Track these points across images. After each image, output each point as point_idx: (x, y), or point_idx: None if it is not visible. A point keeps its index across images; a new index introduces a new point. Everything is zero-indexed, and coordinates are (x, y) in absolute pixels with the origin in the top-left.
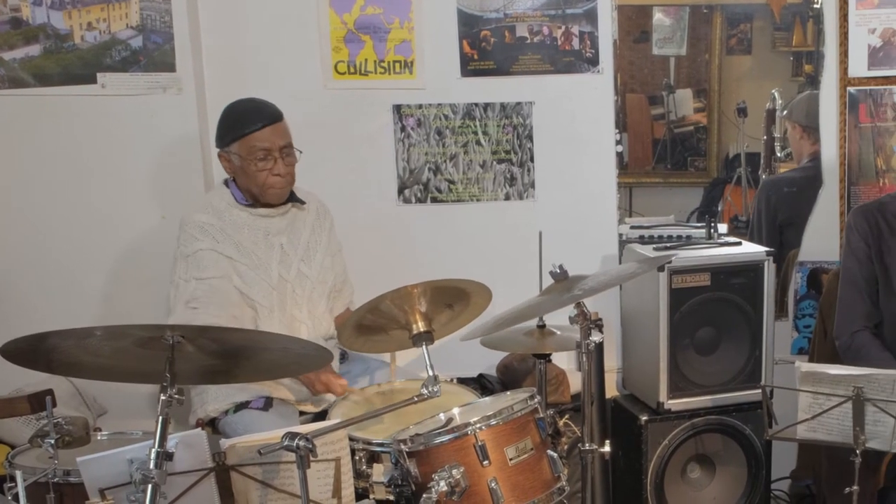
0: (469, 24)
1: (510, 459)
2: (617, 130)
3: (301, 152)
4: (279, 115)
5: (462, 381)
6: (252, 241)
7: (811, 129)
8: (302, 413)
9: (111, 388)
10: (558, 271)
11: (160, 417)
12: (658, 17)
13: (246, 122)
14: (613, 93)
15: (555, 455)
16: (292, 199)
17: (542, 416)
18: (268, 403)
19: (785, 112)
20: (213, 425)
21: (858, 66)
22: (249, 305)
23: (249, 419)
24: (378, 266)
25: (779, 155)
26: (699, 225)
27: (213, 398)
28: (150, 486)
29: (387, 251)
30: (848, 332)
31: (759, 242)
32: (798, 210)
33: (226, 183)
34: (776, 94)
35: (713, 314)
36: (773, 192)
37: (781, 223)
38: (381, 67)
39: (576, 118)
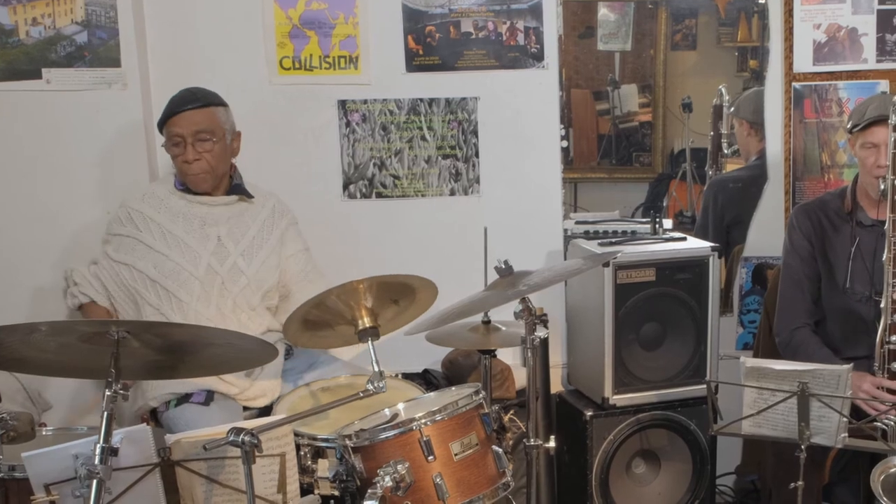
0: (414, 20)
1: (455, 455)
2: (562, 126)
3: (213, 140)
4: (209, 101)
5: (407, 377)
6: (185, 230)
7: (759, 126)
8: (246, 408)
9: (56, 383)
10: (503, 267)
11: (105, 413)
12: (603, 12)
13: (169, 108)
14: (558, 88)
15: (500, 450)
16: (239, 191)
17: (487, 411)
18: (209, 397)
19: (732, 109)
20: (154, 418)
21: (803, 62)
22: (161, 296)
23: (191, 414)
24: (323, 261)
25: (726, 151)
26: (644, 220)
27: (153, 388)
28: (95, 482)
29: (332, 246)
30: (788, 329)
31: (706, 241)
32: (745, 207)
33: (174, 171)
34: (723, 90)
35: (658, 310)
36: (721, 191)
37: (729, 222)
38: (325, 63)
39: (521, 113)
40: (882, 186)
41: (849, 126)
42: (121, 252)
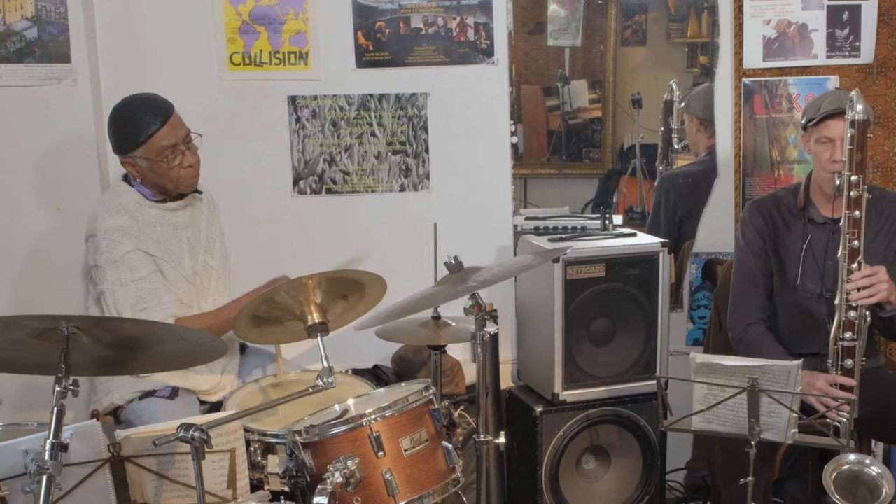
0: (364, 16)
1: (405, 450)
2: (512, 121)
3: (200, 135)
4: (170, 107)
5: (357, 372)
6: (166, 238)
7: (709, 122)
8: (202, 403)
9: (6, 379)
10: (453, 263)
11: (55, 408)
12: (553, 8)
13: (143, 125)
14: (508, 84)
15: (450, 446)
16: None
17: (436, 407)
18: (174, 393)
19: (683, 104)
20: (115, 414)
21: (753, 58)
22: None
23: (155, 407)
24: (273, 257)
25: (676, 147)
26: (594, 216)
27: (120, 387)
28: (45, 478)
29: (282, 242)
30: (741, 324)
31: (659, 237)
32: (695, 203)
33: (126, 180)
34: (674, 86)
35: (608, 305)
36: (672, 187)
37: (681, 217)
38: (276, 59)
39: (471, 109)
40: (837, 182)
41: (803, 121)
42: (140, 269)
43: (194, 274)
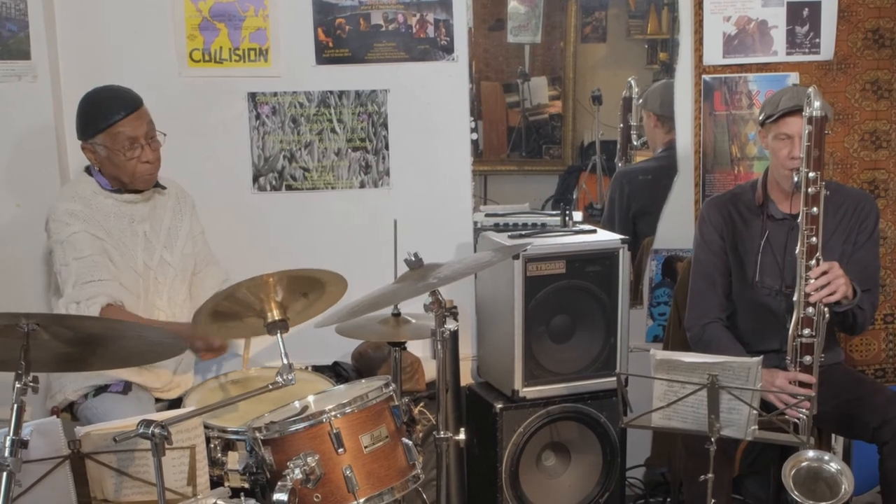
0: (324, 12)
1: (365, 447)
2: (472, 118)
3: (165, 135)
4: (139, 101)
5: (317, 369)
6: (119, 229)
7: (666, 118)
8: (158, 400)
9: None
10: (413, 259)
11: (15, 405)
12: (513, 4)
13: (108, 112)
14: (468, 80)
15: (410, 443)
16: (156, 184)
17: (397, 403)
18: (127, 388)
19: (640, 101)
20: (71, 411)
21: (713, 54)
22: (122, 293)
23: (109, 403)
24: (233, 254)
25: (635, 143)
26: (554, 213)
27: (73, 381)
28: (4, 474)
29: (242, 239)
30: (699, 323)
31: (612, 232)
32: (652, 199)
33: (87, 171)
34: (632, 82)
35: (568, 302)
36: (627, 182)
37: (635, 213)
38: (236, 55)
39: (431, 106)
40: (796, 179)
41: (761, 118)
42: (85, 249)
43: (147, 268)
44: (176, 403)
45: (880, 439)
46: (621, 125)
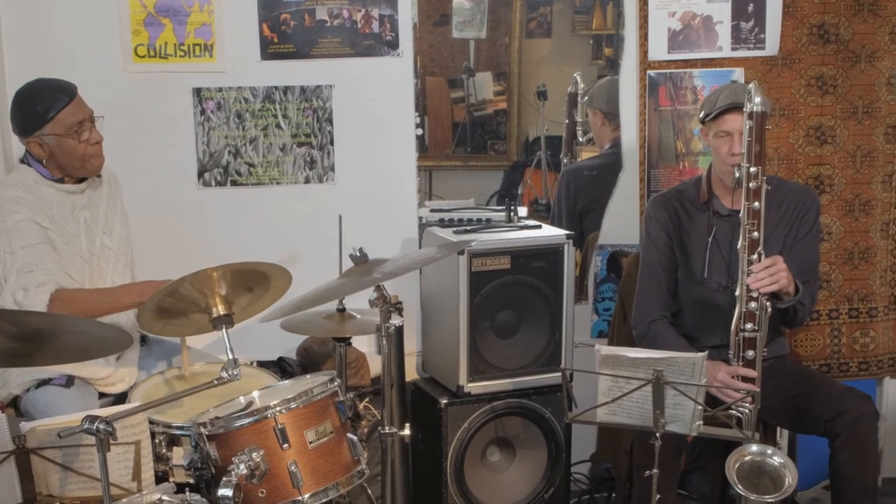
0: (269, 8)
1: (310, 442)
2: (417, 114)
3: (102, 118)
4: (75, 87)
5: (262, 365)
6: (62, 216)
7: (612, 115)
8: (102, 395)
9: None
10: (358, 255)
11: None
12: (458, 0)
13: (51, 102)
14: (413, 76)
15: (354, 438)
16: None
17: (342, 399)
18: (70, 381)
19: (586, 99)
20: (15, 405)
21: (658, 50)
22: (66, 282)
23: (52, 396)
24: (178, 249)
25: (580, 140)
26: (499, 208)
27: (17, 376)
28: None
29: (186, 234)
30: (645, 321)
31: (560, 229)
32: (599, 196)
33: (24, 162)
34: (578, 78)
35: (513, 297)
36: (574, 179)
37: (581, 210)
38: (181, 51)
39: (376, 101)
40: (737, 174)
41: (701, 116)
42: (31, 238)
43: (90, 254)
44: (121, 399)
45: (832, 432)
46: (567, 121)
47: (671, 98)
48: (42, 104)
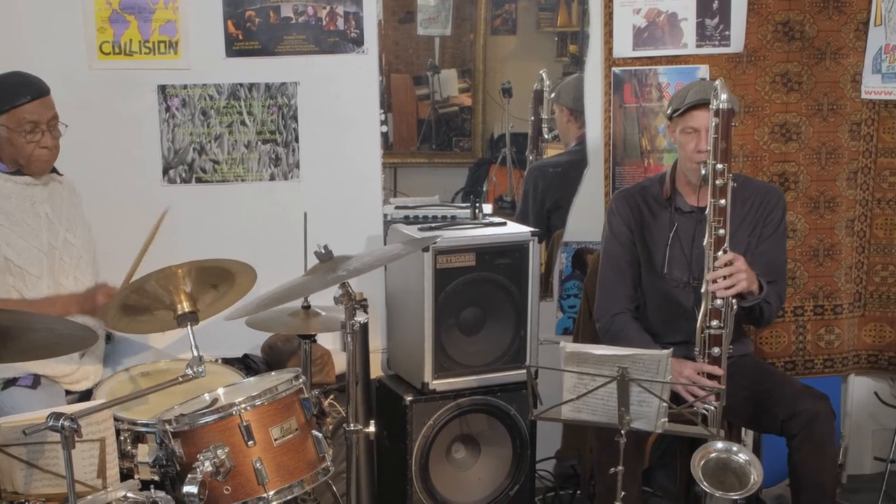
0: (234, 5)
1: (275, 440)
2: (382, 111)
3: (66, 126)
4: (47, 89)
5: (227, 362)
6: (20, 210)
7: (579, 112)
8: (68, 393)
9: None
10: (323, 252)
11: None
12: None
13: (14, 94)
14: (378, 73)
15: (319, 435)
16: (53, 169)
17: (306, 396)
18: (36, 381)
19: (553, 95)
20: None
21: (623, 47)
22: (16, 274)
23: (18, 397)
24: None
25: (546, 136)
26: (464, 205)
27: None
28: None
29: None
30: (608, 314)
31: (528, 226)
32: (565, 192)
33: None
34: (543, 75)
35: (478, 294)
36: (541, 177)
37: (549, 207)
38: (145, 48)
39: (340, 98)
40: (703, 171)
41: (668, 112)
42: None
43: (51, 248)
44: (86, 395)
45: (789, 432)
46: (532, 118)
47: (636, 95)
48: (6, 94)
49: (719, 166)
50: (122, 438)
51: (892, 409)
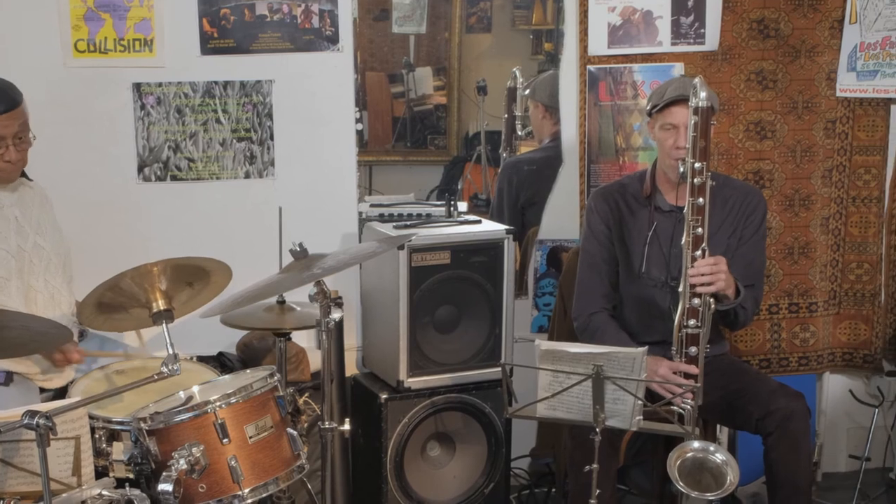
0: (209, 3)
1: (250, 437)
2: (357, 108)
3: (35, 137)
4: (16, 101)
5: (202, 360)
6: None
7: (554, 109)
8: (42, 390)
9: None
10: (298, 250)
11: None
12: None
13: None
14: (353, 71)
15: (294, 433)
16: (23, 174)
17: (281, 394)
18: (8, 378)
19: (528, 91)
20: None
21: (598, 45)
22: None
23: None
24: (118, 244)
25: (520, 133)
26: (439, 203)
27: None
28: None
29: (127, 229)
30: (585, 313)
31: (502, 223)
32: (539, 190)
33: None
34: (517, 73)
35: (453, 292)
36: (515, 173)
37: (523, 204)
38: (120, 46)
39: (315, 96)
40: (682, 169)
41: (648, 108)
42: None
43: (20, 250)
44: (61, 393)
45: (764, 430)
46: (506, 115)
47: (611, 93)
48: None
49: (698, 165)
50: (97, 436)
51: (866, 406)
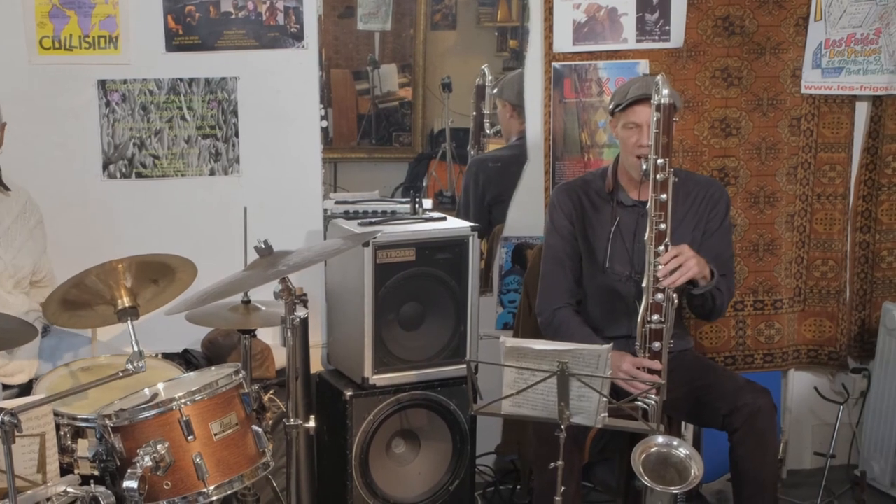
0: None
1: (215, 434)
2: (322, 106)
3: (5, 123)
4: None
5: (167, 357)
6: None
7: (521, 108)
8: (6, 387)
9: None
10: (263, 247)
11: None
12: None
13: None
14: (318, 68)
15: (259, 430)
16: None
17: (246, 391)
18: None
19: (496, 90)
20: None
21: (563, 42)
22: None
23: None
24: (83, 241)
25: (488, 131)
26: (404, 200)
27: None
28: None
29: (91, 226)
30: (550, 308)
31: (468, 220)
32: (506, 187)
33: None
34: (486, 70)
35: (418, 289)
36: (482, 171)
37: (490, 202)
38: (85, 42)
39: (280, 93)
40: (644, 166)
41: (611, 107)
42: None
43: None
44: (26, 390)
45: (730, 427)
46: (474, 113)
47: (576, 90)
48: None
49: (660, 161)
50: (62, 433)
51: (831, 403)
